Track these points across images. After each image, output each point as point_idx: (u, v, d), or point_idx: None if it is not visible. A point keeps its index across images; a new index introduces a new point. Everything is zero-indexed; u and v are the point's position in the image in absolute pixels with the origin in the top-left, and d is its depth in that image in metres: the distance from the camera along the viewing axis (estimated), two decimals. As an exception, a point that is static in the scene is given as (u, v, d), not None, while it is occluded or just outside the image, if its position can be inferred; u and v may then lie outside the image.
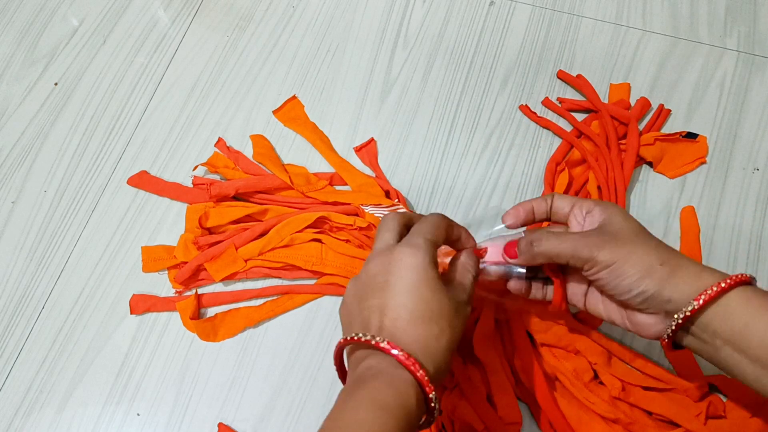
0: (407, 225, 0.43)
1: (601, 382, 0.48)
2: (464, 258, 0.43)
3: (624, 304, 0.41)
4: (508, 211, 0.45)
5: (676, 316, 0.38)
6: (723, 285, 0.37)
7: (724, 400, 0.48)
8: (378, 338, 0.36)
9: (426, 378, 0.35)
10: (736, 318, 0.37)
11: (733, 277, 0.37)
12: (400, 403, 0.34)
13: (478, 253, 0.44)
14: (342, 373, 0.41)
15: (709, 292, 0.37)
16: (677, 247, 0.54)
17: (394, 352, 0.35)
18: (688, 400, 0.47)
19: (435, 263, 0.39)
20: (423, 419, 0.36)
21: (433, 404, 0.35)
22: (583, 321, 0.50)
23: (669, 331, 0.39)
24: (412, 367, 0.35)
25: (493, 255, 0.44)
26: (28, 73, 0.64)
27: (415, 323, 0.37)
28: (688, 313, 0.37)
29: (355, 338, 0.37)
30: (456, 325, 0.38)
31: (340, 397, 0.36)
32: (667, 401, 0.47)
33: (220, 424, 0.49)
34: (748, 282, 0.38)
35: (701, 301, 0.37)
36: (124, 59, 0.65)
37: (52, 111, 0.62)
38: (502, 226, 0.45)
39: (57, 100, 0.63)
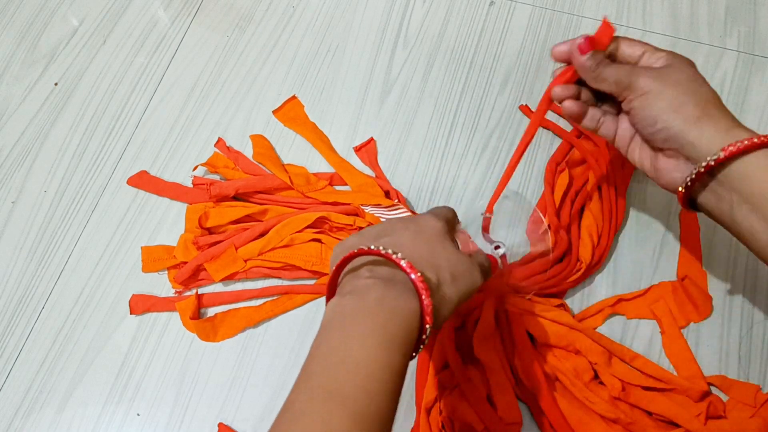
0: None
1: (601, 382, 0.48)
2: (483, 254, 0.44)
3: (651, 144, 0.40)
4: (560, 44, 0.43)
5: (698, 164, 0.37)
6: (756, 140, 0.36)
7: (725, 400, 0.48)
8: (399, 254, 0.34)
9: (430, 309, 0.34)
10: (757, 176, 0.36)
11: (761, 138, 0.36)
12: (407, 338, 0.33)
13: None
14: (332, 291, 0.38)
15: (737, 144, 0.36)
16: (677, 249, 0.54)
17: (412, 275, 0.34)
18: (689, 400, 0.47)
19: (450, 228, 0.40)
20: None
21: (425, 336, 0.34)
22: (582, 319, 0.50)
23: (689, 179, 0.38)
24: (423, 293, 0.34)
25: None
26: (28, 73, 0.64)
27: (424, 263, 0.36)
28: (711, 162, 0.36)
29: (374, 249, 0.35)
30: (459, 281, 0.37)
31: (336, 317, 0.34)
32: (667, 401, 0.47)
33: (220, 424, 0.49)
34: None
35: (730, 151, 0.36)
36: (124, 59, 0.65)
37: (52, 111, 0.62)
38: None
39: (57, 100, 0.63)
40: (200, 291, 0.54)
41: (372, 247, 0.35)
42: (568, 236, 0.53)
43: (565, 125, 0.59)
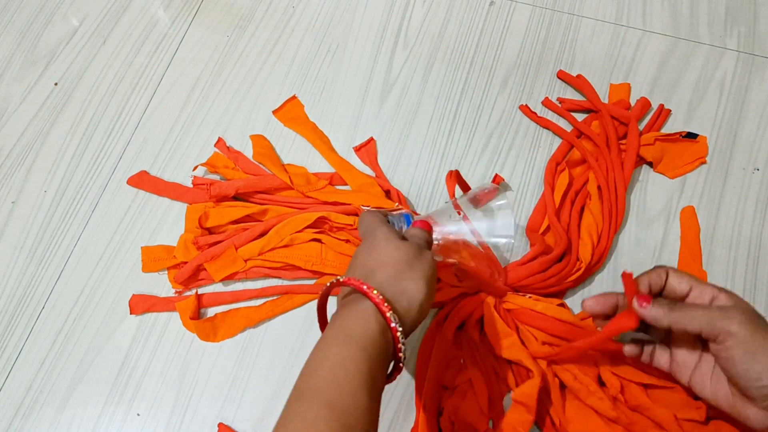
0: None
1: (602, 382, 0.48)
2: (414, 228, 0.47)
3: (738, 390, 0.39)
4: (591, 299, 0.44)
5: None
6: None
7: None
8: (341, 278, 0.39)
9: (380, 297, 0.37)
10: None
11: None
12: (363, 330, 0.36)
13: (426, 225, 0.48)
14: (323, 323, 0.44)
15: None
16: (677, 248, 0.54)
17: (351, 281, 0.38)
18: (689, 398, 0.47)
19: (385, 222, 0.45)
20: (392, 362, 0.38)
21: (393, 324, 0.37)
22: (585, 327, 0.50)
23: None
24: (366, 290, 0.38)
25: (444, 223, 0.50)
26: (28, 73, 0.64)
27: (374, 270, 0.40)
28: None
29: (330, 283, 0.40)
30: (415, 264, 0.41)
31: (319, 339, 0.38)
32: (668, 399, 0.47)
33: (220, 424, 0.49)
34: None
35: None
36: (124, 59, 0.65)
37: (52, 111, 0.62)
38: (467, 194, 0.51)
39: (57, 100, 0.63)
40: (200, 291, 0.54)
41: (339, 278, 0.40)
42: (568, 236, 0.53)
43: (565, 125, 0.59)
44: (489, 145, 0.59)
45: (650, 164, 0.57)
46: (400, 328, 0.37)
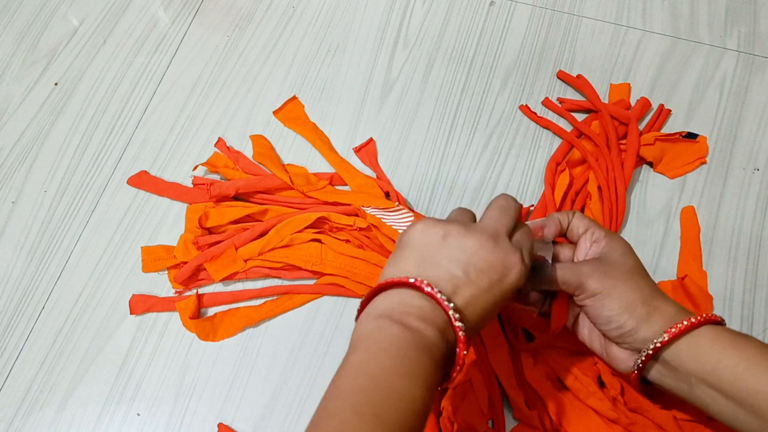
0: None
1: (601, 383, 0.48)
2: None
3: (605, 336, 0.43)
4: (543, 222, 0.46)
5: (646, 347, 0.40)
6: (693, 321, 0.39)
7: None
8: (452, 309, 0.36)
9: (458, 324, 0.35)
10: (706, 355, 0.38)
11: (703, 316, 0.39)
12: (434, 356, 0.34)
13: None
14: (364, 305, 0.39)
15: (678, 326, 0.39)
16: (677, 248, 0.54)
17: (434, 295, 0.35)
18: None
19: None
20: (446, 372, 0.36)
21: (461, 345, 0.35)
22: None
23: (638, 362, 0.40)
24: (447, 310, 0.35)
25: None
26: (28, 73, 0.64)
27: (464, 269, 0.37)
28: (658, 344, 0.39)
29: (435, 295, 0.36)
30: (502, 285, 0.38)
31: (364, 343, 0.35)
32: (668, 400, 0.47)
33: (220, 424, 0.49)
34: (717, 322, 0.39)
35: (672, 332, 0.39)
36: (125, 59, 0.65)
37: (52, 111, 0.62)
38: None
39: (57, 100, 0.63)
40: (200, 291, 0.54)
41: (434, 291, 0.36)
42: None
43: (566, 125, 0.59)
44: (489, 145, 0.59)
45: (650, 164, 0.57)
46: (464, 346, 0.35)
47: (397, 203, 0.55)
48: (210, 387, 0.51)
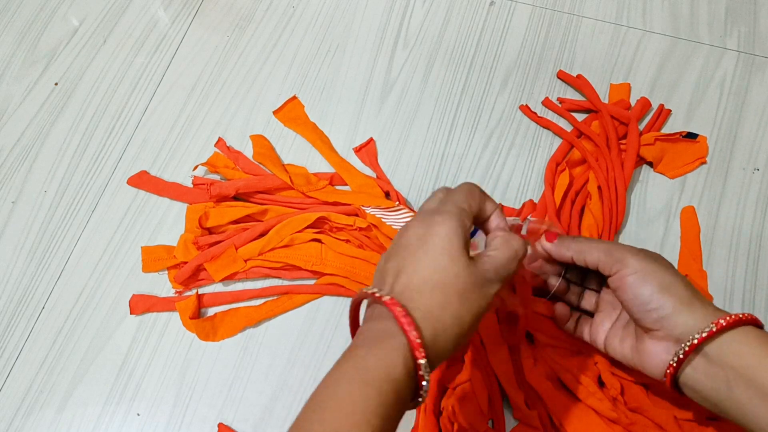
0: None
1: (601, 383, 0.48)
2: (509, 236, 0.39)
3: (640, 324, 0.41)
4: (549, 235, 0.45)
5: (690, 336, 0.38)
6: (740, 316, 0.37)
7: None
8: (383, 292, 0.35)
9: (418, 341, 0.32)
10: (750, 352, 0.37)
11: (748, 315, 0.38)
12: (386, 374, 0.32)
13: (546, 237, 0.45)
14: (353, 323, 0.39)
15: (727, 319, 0.37)
16: (677, 248, 0.54)
17: (396, 308, 0.33)
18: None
19: (463, 231, 0.36)
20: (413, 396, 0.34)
21: (421, 372, 0.33)
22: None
23: (680, 353, 0.38)
24: (407, 326, 0.33)
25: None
26: (29, 73, 0.64)
27: (421, 290, 0.34)
28: (704, 335, 0.37)
29: (365, 292, 0.35)
30: (470, 299, 0.35)
31: (333, 366, 0.34)
32: (668, 400, 0.47)
33: (220, 424, 0.49)
34: (760, 325, 0.39)
35: (718, 326, 0.37)
36: (125, 59, 0.65)
37: (53, 111, 0.62)
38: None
39: (57, 100, 0.63)
40: (200, 291, 0.54)
41: (363, 290, 0.35)
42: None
43: (566, 125, 0.59)
44: (489, 145, 0.59)
45: (650, 164, 0.57)
46: (428, 377, 0.33)
47: (397, 203, 0.55)
48: (210, 387, 0.51)
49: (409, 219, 0.53)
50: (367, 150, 0.59)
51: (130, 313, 0.53)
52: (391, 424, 0.32)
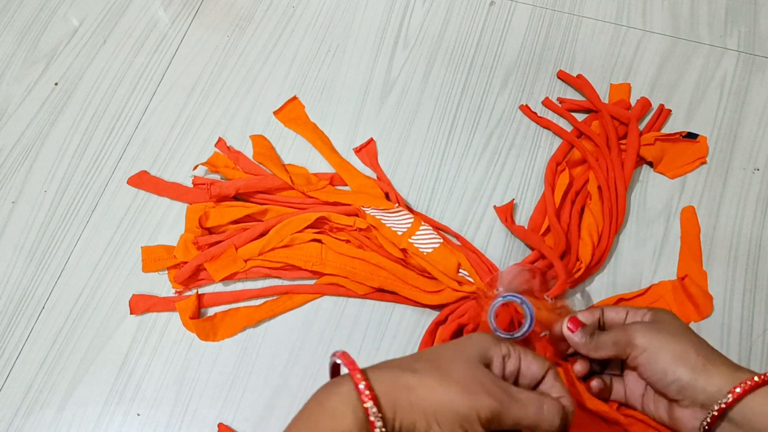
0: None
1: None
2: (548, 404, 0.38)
3: (666, 396, 0.42)
4: (579, 324, 0.45)
5: (714, 406, 0.38)
6: (756, 380, 0.38)
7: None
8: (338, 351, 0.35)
9: (363, 383, 0.32)
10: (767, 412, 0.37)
11: (764, 376, 0.38)
12: (333, 428, 0.31)
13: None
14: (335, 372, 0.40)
15: (746, 383, 0.38)
16: (677, 248, 0.54)
17: (342, 356, 0.34)
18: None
19: (487, 358, 0.38)
20: None
21: (371, 419, 0.32)
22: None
23: (704, 425, 0.39)
24: (351, 367, 0.33)
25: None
26: (29, 73, 0.64)
27: (405, 359, 0.36)
28: (723, 405, 0.38)
29: (358, 380, 0.34)
30: (447, 392, 0.34)
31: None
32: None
33: (220, 424, 0.49)
34: None
35: (737, 392, 0.38)
36: (125, 59, 0.65)
37: (53, 111, 0.62)
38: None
39: (57, 100, 0.63)
40: (200, 291, 0.54)
41: (361, 386, 0.33)
42: (567, 236, 0.53)
43: (566, 125, 0.59)
44: (489, 145, 0.59)
45: (650, 164, 0.57)
46: (380, 425, 0.31)
47: (397, 205, 0.55)
48: (210, 387, 0.51)
49: (408, 220, 0.53)
50: (367, 150, 0.59)
51: (130, 313, 0.53)
52: None
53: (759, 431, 0.38)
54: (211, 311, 0.54)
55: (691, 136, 0.57)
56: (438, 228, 0.55)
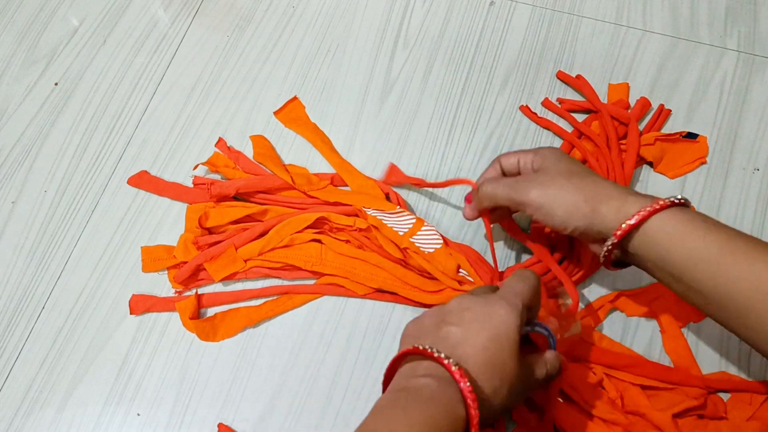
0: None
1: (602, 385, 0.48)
2: (552, 358, 0.43)
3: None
4: (467, 197, 0.51)
5: (603, 248, 0.42)
6: (642, 214, 0.40)
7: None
8: (451, 360, 0.36)
9: (476, 420, 0.35)
10: (657, 245, 0.40)
11: (650, 207, 0.40)
12: (453, 428, 0.34)
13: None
14: (387, 382, 0.40)
15: (623, 227, 0.40)
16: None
17: (461, 383, 0.35)
18: (687, 397, 0.47)
19: (521, 328, 0.39)
20: None
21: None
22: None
23: (602, 257, 0.43)
24: (471, 404, 0.35)
25: None
26: (29, 73, 0.64)
27: (483, 369, 0.37)
28: (609, 247, 0.42)
29: (428, 351, 0.37)
30: (516, 392, 0.38)
31: (387, 406, 0.36)
32: (667, 400, 0.47)
33: (220, 424, 0.50)
34: (671, 206, 0.41)
35: (618, 235, 0.41)
36: (125, 59, 0.65)
37: (53, 111, 0.62)
38: None
39: (57, 100, 0.63)
40: (200, 291, 0.54)
41: (428, 348, 0.37)
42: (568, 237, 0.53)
43: (566, 126, 0.59)
44: (489, 145, 0.59)
45: (650, 164, 0.57)
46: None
47: (398, 206, 0.55)
48: (210, 387, 0.51)
49: (409, 221, 0.53)
50: (392, 173, 0.58)
51: (130, 313, 0.53)
52: None
53: (645, 259, 0.41)
54: (211, 311, 0.54)
55: (691, 136, 0.57)
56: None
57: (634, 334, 0.51)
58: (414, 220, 0.53)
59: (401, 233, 0.53)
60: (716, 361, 0.50)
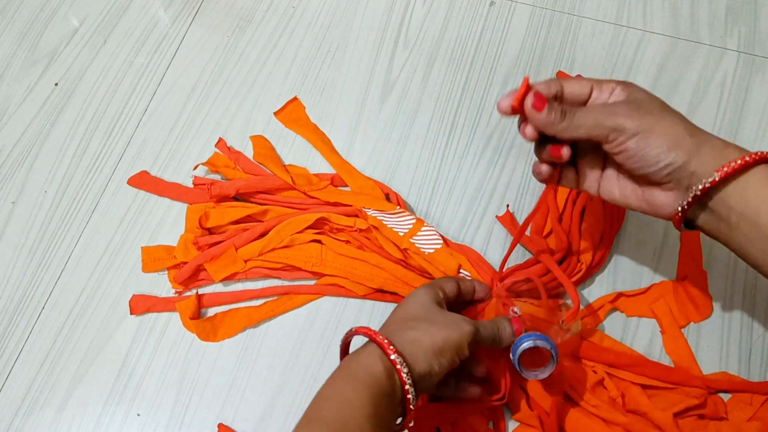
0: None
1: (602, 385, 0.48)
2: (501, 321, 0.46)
3: (644, 180, 0.40)
4: (503, 99, 0.41)
5: (695, 187, 0.37)
6: (747, 159, 0.36)
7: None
8: (379, 333, 0.41)
9: (386, 341, 0.39)
10: (753, 193, 0.36)
11: (758, 153, 0.37)
12: (369, 372, 0.38)
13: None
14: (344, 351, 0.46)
15: (731, 165, 0.36)
16: (677, 248, 0.54)
17: (365, 330, 0.41)
18: (687, 396, 0.47)
19: (438, 301, 0.45)
20: (401, 408, 0.40)
21: (398, 367, 0.39)
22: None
23: (685, 202, 0.38)
24: (372, 334, 0.40)
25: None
26: (29, 73, 0.64)
27: (397, 322, 0.43)
28: (708, 185, 0.37)
29: (361, 328, 0.42)
30: (438, 324, 0.42)
31: (337, 375, 0.41)
32: (667, 400, 0.47)
33: (220, 425, 0.49)
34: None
35: (722, 173, 0.36)
36: (125, 59, 0.65)
37: (53, 111, 0.62)
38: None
39: (57, 101, 0.63)
40: (200, 291, 0.54)
41: (385, 342, 0.41)
42: (569, 237, 0.53)
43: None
44: (489, 145, 0.59)
45: (650, 164, 0.57)
46: (406, 371, 0.39)
47: (398, 207, 0.55)
48: (210, 387, 0.51)
49: (409, 221, 0.53)
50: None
51: (130, 314, 0.53)
52: (385, 416, 0.38)
53: (735, 211, 0.37)
54: (211, 311, 0.54)
55: (692, 136, 0.57)
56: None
57: (634, 334, 0.51)
58: (414, 221, 0.53)
59: (401, 234, 0.53)
60: (716, 361, 0.50)
